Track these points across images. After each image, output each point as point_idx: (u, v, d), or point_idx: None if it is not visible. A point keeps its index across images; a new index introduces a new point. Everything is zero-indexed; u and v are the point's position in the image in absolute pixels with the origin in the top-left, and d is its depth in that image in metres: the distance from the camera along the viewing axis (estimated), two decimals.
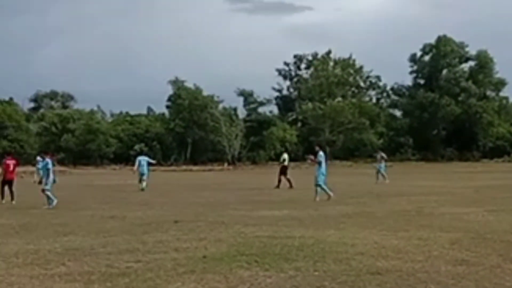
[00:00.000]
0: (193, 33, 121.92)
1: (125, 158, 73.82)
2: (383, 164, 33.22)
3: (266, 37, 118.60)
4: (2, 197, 21.12)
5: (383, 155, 34.09)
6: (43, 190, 19.16)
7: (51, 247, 10.70)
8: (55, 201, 18.79)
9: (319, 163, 20.89)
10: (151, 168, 31.88)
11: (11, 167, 21.58)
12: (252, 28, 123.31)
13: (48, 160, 19.84)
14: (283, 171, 28.31)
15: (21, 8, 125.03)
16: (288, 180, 27.68)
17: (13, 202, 20.51)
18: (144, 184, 27.27)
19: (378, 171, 32.68)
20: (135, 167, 28.70)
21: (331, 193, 20.44)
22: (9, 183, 21.39)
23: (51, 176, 19.38)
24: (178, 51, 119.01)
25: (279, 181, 27.87)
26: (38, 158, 31.95)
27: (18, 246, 10.88)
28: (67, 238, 11.83)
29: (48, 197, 18.87)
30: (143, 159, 28.82)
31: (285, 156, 29.12)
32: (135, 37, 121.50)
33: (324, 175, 20.89)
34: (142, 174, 27.85)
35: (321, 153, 21.38)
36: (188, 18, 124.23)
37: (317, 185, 20.54)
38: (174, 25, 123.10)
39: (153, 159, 34.49)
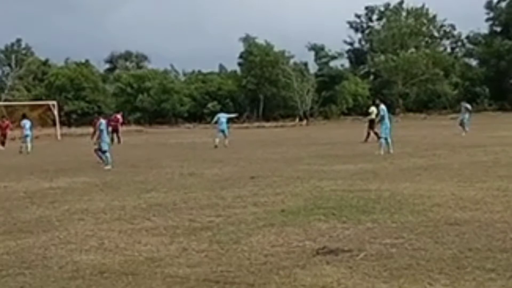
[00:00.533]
0: None
1: (198, 116, 74.97)
2: (467, 115, 32.54)
3: None
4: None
5: (468, 106, 33.36)
6: (96, 150, 19.33)
7: (136, 203, 11.15)
8: (109, 165, 18.69)
9: (382, 117, 20.70)
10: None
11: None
12: None
13: (102, 121, 19.78)
14: (371, 125, 27.89)
15: None
16: (376, 134, 27.44)
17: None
18: (226, 141, 27.83)
19: (462, 122, 31.96)
20: (213, 122, 29.32)
21: (391, 150, 20.29)
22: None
23: (106, 136, 19.53)
24: (248, 8, 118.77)
25: (368, 135, 27.58)
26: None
27: (104, 202, 11.38)
28: (150, 194, 12.27)
29: (106, 158, 18.98)
30: (223, 116, 29.28)
31: (373, 109, 28.61)
32: None
33: (388, 128, 20.68)
34: (222, 131, 28.34)
35: (382, 106, 21.15)
36: None
37: (383, 138, 20.44)
38: None
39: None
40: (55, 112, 51.24)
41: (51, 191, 13.39)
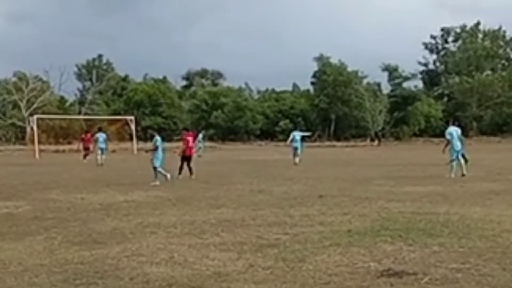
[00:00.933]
0: (339, 8, 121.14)
1: (270, 134, 75.51)
2: None
3: (411, 11, 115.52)
4: (180, 172, 21.23)
5: None
6: (153, 167, 19.45)
7: (206, 218, 11.44)
8: (168, 176, 19.19)
9: (448, 140, 20.36)
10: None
11: (190, 143, 21.95)
12: (397, 3, 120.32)
13: (158, 137, 19.99)
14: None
15: None
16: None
17: (192, 176, 20.90)
18: (297, 159, 27.98)
19: None
20: (288, 142, 29.52)
21: (464, 171, 19.94)
22: (188, 158, 21.56)
23: (160, 153, 19.62)
24: (323, 26, 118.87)
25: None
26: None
27: (176, 217, 11.71)
28: (220, 210, 12.55)
29: (159, 173, 19.22)
30: (297, 134, 29.48)
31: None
32: (282, 14, 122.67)
33: (457, 151, 20.31)
34: (295, 149, 28.52)
35: (449, 129, 20.77)
36: None
37: (453, 160, 20.14)
38: (318, 1, 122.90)
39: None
40: (132, 127, 52.65)
41: (126, 204, 13.87)
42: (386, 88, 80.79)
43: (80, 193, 16.38)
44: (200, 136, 47.62)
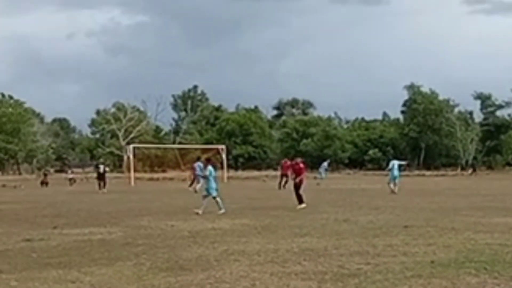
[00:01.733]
0: (430, 36, 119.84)
1: (359, 162, 75.05)
2: None
3: (505, 38, 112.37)
4: (300, 201, 20.88)
5: None
6: (212, 197, 19.18)
7: (289, 247, 11.64)
8: (222, 210, 18.85)
9: None
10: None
11: (303, 170, 21.77)
12: (491, 29, 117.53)
13: (209, 167, 19.62)
14: None
15: (268, 21, 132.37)
16: None
17: (302, 205, 20.55)
18: (396, 188, 27.86)
19: None
20: (387, 170, 29.53)
21: None
22: (297, 186, 21.27)
23: (213, 182, 19.24)
24: (415, 54, 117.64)
25: None
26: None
27: (260, 245, 11.98)
28: (303, 239, 12.73)
29: (216, 203, 19.06)
30: (396, 163, 29.41)
31: None
32: (371, 43, 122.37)
33: None
34: (394, 178, 28.42)
35: None
36: (425, 21, 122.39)
37: None
38: (410, 29, 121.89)
39: (387, 164, 34.99)
40: (223, 156, 53.69)
41: (213, 232, 14.27)
42: (478, 117, 79.37)
43: (170, 220, 16.94)
44: (325, 164, 48.69)
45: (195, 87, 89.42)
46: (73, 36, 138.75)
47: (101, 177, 34.16)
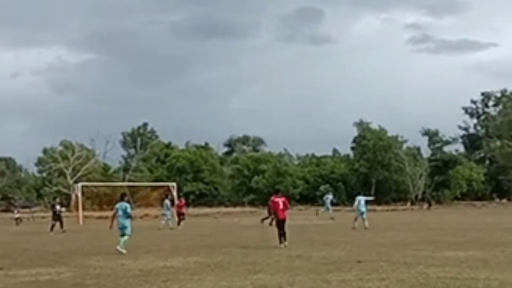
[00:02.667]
0: (377, 74, 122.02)
1: (310, 198, 75.46)
2: None
3: (450, 76, 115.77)
4: (280, 241, 19.15)
5: None
6: (124, 234, 18.50)
7: (243, 284, 11.53)
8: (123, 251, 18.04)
9: None
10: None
11: (281, 205, 19.56)
12: (436, 67, 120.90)
13: (122, 203, 18.91)
14: None
15: (217, 60, 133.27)
16: None
17: (285, 243, 19.03)
18: (365, 222, 27.73)
19: None
20: (355, 206, 29.29)
21: None
22: (281, 222, 19.47)
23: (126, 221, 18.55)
24: (363, 92, 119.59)
25: None
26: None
27: (213, 283, 11.84)
28: (257, 276, 12.63)
29: (123, 242, 18.41)
30: (362, 199, 29.32)
31: None
32: (321, 81, 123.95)
33: None
34: (361, 214, 28.34)
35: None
36: (372, 60, 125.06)
37: None
38: (358, 67, 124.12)
39: (339, 199, 35.22)
40: (174, 193, 53.24)
41: (165, 270, 14.05)
42: (426, 152, 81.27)
43: (121, 259, 16.63)
44: (330, 197, 48.42)
45: (145, 124, 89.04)
46: (18, 74, 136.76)
47: (56, 217, 32.99)
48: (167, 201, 34.69)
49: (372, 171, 76.40)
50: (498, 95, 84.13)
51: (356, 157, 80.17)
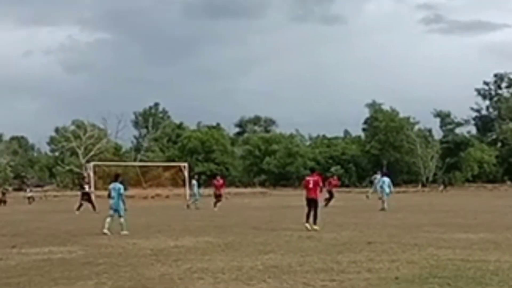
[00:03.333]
0: (389, 55, 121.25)
1: (322, 179, 75.44)
2: None
3: (462, 57, 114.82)
4: (307, 220, 18.57)
5: None
6: (118, 216, 18.38)
7: (253, 264, 11.57)
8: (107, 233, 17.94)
9: None
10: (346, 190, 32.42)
11: (311, 184, 18.90)
12: (448, 48, 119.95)
13: (116, 184, 18.69)
14: None
15: (227, 39, 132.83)
16: None
17: (315, 227, 18.28)
18: (385, 204, 27.67)
19: None
20: (378, 187, 29.39)
21: None
22: (312, 202, 18.70)
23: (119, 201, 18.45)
24: (374, 73, 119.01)
25: None
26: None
27: (223, 262, 11.89)
28: (268, 256, 12.67)
29: (120, 224, 18.30)
30: (387, 180, 28.98)
31: None
32: (332, 62, 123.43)
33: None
34: (387, 194, 28.28)
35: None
36: (382, 40, 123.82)
37: None
38: (369, 48, 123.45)
39: (349, 180, 34.93)
40: (186, 173, 53.37)
41: (176, 250, 14.11)
42: (438, 134, 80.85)
43: (132, 238, 16.72)
44: (378, 177, 39.71)
45: (156, 104, 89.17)
46: (30, 53, 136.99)
47: (85, 197, 31.46)
48: (194, 182, 34.24)
49: (384, 152, 76.18)
50: (511, 76, 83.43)
51: (367, 138, 79.94)
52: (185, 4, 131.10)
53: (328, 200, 31.33)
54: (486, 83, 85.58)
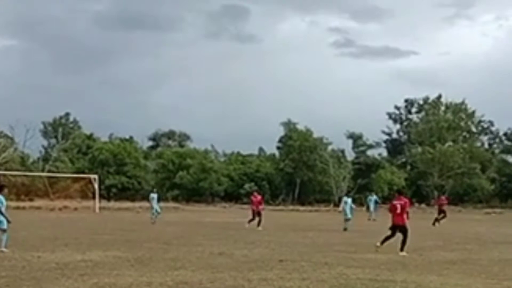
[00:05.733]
0: (303, 76, 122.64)
1: (235, 196, 75.55)
2: None
3: (373, 81, 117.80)
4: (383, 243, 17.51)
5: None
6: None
7: (163, 280, 11.34)
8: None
9: None
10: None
11: (398, 209, 17.35)
12: (359, 72, 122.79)
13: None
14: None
15: (141, 52, 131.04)
16: None
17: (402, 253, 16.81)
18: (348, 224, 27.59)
19: None
20: (341, 208, 29.07)
21: None
22: (400, 228, 17.37)
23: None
24: (289, 93, 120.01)
25: None
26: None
27: (132, 278, 11.59)
28: (178, 272, 12.46)
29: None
30: (349, 200, 28.78)
31: None
32: (247, 79, 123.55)
33: None
34: (347, 216, 27.91)
35: None
36: (296, 61, 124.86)
37: None
38: (284, 68, 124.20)
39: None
40: (96, 186, 52.24)
41: (83, 264, 13.68)
42: (350, 155, 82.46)
43: (37, 251, 16.11)
44: (373, 198, 44.72)
45: (67, 114, 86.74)
46: None
47: None
48: (154, 195, 33.44)
49: (297, 171, 77.13)
50: (421, 102, 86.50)
51: (281, 156, 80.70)
52: (97, 14, 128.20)
53: (441, 218, 33.57)
54: (397, 108, 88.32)
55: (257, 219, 28.11)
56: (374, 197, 44.89)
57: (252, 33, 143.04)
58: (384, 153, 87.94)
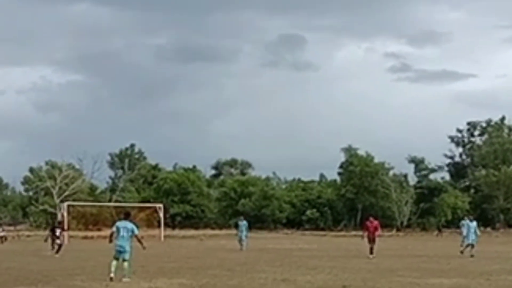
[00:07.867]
0: (361, 101, 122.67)
1: (297, 222, 75.54)
2: None
3: (432, 105, 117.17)
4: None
5: None
6: None
7: None
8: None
9: None
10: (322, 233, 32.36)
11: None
12: (417, 96, 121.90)
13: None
14: None
15: (200, 82, 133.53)
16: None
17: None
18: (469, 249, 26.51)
19: None
20: (464, 233, 28.02)
21: None
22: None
23: None
24: (348, 118, 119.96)
25: None
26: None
27: None
28: None
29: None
30: (473, 225, 27.40)
31: None
32: (306, 107, 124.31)
33: None
34: (469, 240, 26.90)
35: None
36: (354, 87, 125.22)
37: None
38: (342, 94, 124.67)
39: (325, 224, 34.60)
40: (161, 214, 53.12)
41: None
42: (412, 180, 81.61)
43: (105, 280, 16.57)
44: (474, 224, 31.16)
45: (132, 145, 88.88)
46: (3, 92, 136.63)
47: (56, 238, 29.87)
48: (244, 222, 33.86)
49: (359, 196, 76.65)
50: (484, 124, 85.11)
51: (342, 182, 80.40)
52: (157, 48, 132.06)
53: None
54: (460, 131, 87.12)
55: (368, 246, 26.56)
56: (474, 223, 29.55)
57: (309, 61, 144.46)
58: (447, 176, 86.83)
